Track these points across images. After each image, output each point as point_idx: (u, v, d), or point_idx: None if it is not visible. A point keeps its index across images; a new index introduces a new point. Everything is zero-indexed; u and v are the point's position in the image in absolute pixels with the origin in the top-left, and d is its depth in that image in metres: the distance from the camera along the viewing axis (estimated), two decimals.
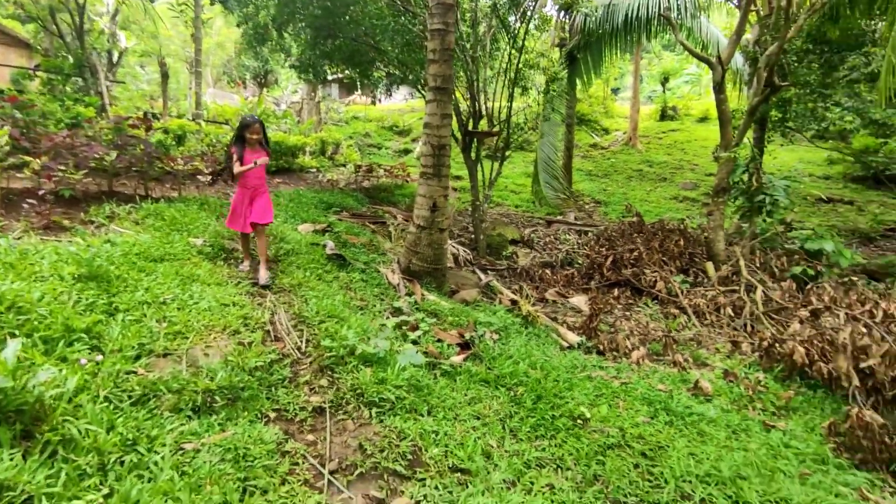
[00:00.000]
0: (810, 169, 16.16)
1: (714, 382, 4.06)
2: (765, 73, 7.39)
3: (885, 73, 4.57)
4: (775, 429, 3.39)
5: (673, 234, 7.96)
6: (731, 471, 2.80)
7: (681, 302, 6.26)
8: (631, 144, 19.02)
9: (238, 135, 4.55)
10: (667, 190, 14.87)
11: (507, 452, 2.85)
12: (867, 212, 12.79)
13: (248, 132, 4.47)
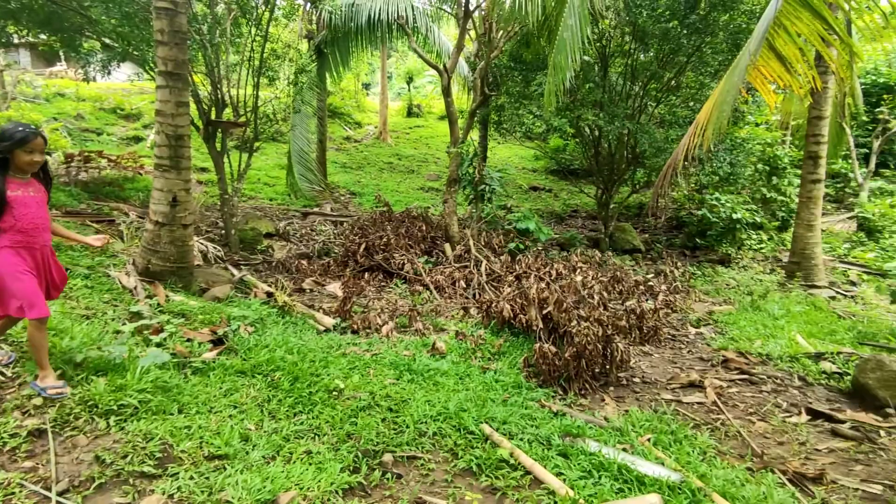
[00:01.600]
0: (523, 163, 19.69)
1: (448, 343, 4.88)
2: (479, 82, 8.87)
3: (547, 93, 6.07)
4: (489, 370, 4.32)
5: (417, 221, 8.97)
6: (456, 407, 3.50)
7: (424, 280, 7.17)
8: (382, 138, 20.23)
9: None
10: (415, 181, 16.39)
11: (267, 432, 3.00)
12: (560, 198, 16.37)
13: (22, 151, 2.74)
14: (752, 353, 5.24)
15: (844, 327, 6.02)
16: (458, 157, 8.56)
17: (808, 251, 8.60)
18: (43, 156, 2.86)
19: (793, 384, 4.52)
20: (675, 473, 2.81)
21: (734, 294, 7.78)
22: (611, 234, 11.07)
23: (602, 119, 9.14)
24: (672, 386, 4.41)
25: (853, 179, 13.33)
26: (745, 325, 6.17)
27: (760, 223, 11.20)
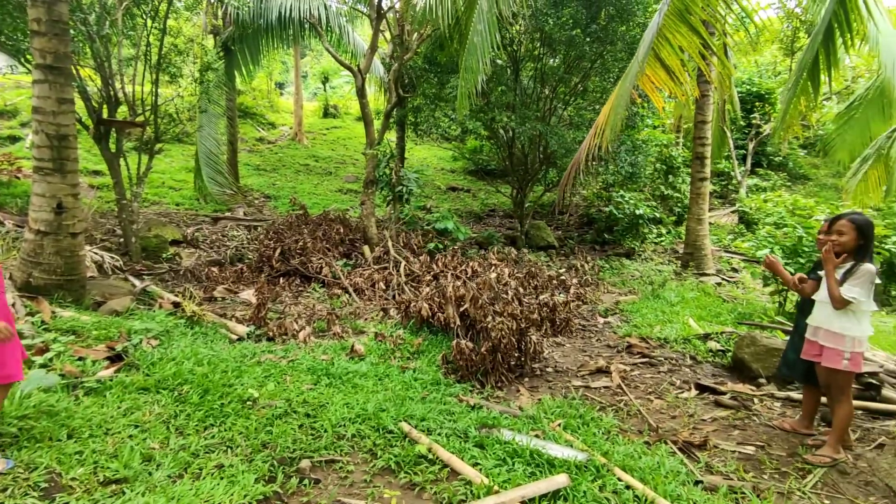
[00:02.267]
0: (441, 164, 19.91)
1: (367, 344, 4.86)
2: (393, 84, 8.89)
3: (460, 96, 6.23)
4: (408, 369, 4.36)
5: (335, 224, 8.83)
6: (375, 407, 3.51)
7: (343, 283, 7.09)
8: (297, 140, 19.64)
9: None
10: (332, 183, 16.07)
11: (173, 450, 2.84)
12: (478, 198, 16.75)
13: None
14: (652, 338, 5.69)
15: (727, 310, 6.71)
16: (374, 159, 8.53)
17: (698, 243, 9.48)
18: None
19: (685, 363, 4.98)
20: (581, 453, 3.01)
21: (638, 284, 8.39)
22: (526, 231, 11.52)
23: (514, 121, 9.49)
24: (582, 373, 4.70)
25: (734, 177, 14.84)
26: (647, 312, 6.69)
27: (660, 218, 12.17)
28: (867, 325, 3.05)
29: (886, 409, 3.75)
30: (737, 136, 15.86)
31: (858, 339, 3.03)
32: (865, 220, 3.06)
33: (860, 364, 3.07)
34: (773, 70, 18.58)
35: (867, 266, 2.99)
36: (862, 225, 3.04)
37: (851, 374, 3.07)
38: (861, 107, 9.70)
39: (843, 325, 3.04)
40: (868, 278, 2.96)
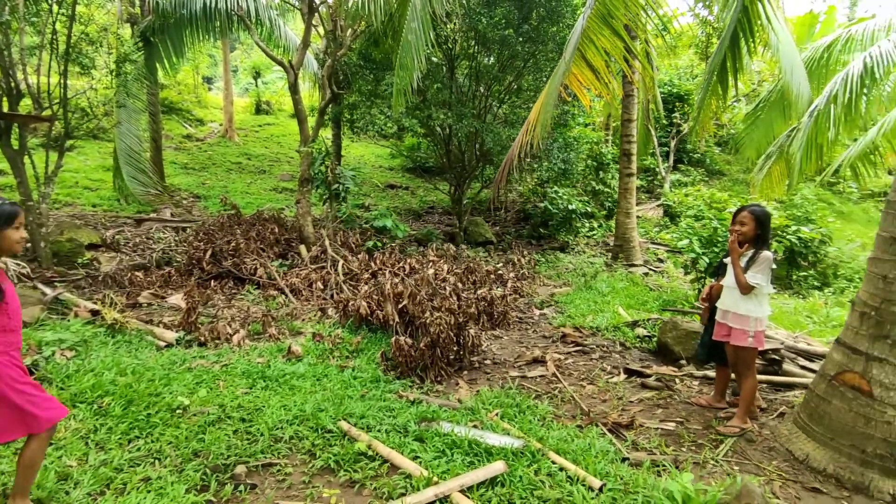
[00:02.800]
0: (379, 161, 19.73)
1: (305, 345, 4.77)
2: (327, 80, 8.73)
3: (395, 93, 6.23)
4: (347, 368, 4.32)
5: (270, 223, 8.56)
6: (314, 408, 3.46)
7: (279, 283, 6.90)
8: (228, 137, 18.83)
9: None
10: (266, 182, 15.55)
11: (93, 465, 2.68)
12: (417, 195, 16.77)
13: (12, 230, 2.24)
14: (585, 328, 5.95)
15: (653, 298, 7.13)
16: (309, 157, 8.35)
17: (627, 235, 9.98)
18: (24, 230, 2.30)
19: (615, 350, 5.25)
20: (517, 440, 3.12)
21: (572, 277, 8.73)
22: (465, 228, 11.67)
23: (451, 118, 9.58)
24: (519, 363, 4.84)
25: (659, 173, 15.73)
26: (580, 303, 6.98)
27: (592, 212, 12.71)
28: (767, 307, 3.36)
29: (787, 381, 4.14)
30: (660, 134, 16.81)
31: (760, 319, 3.33)
32: (763, 211, 3.37)
33: (762, 341, 3.38)
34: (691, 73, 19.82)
35: (765, 253, 3.28)
36: (760, 216, 3.34)
37: (755, 351, 3.38)
38: (765, 108, 10.54)
39: (748, 307, 3.34)
40: (767, 264, 3.26)
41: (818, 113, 9.06)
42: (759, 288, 3.27)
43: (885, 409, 2.77)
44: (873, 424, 2.80)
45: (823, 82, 9.38)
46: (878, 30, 8.34)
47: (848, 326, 3.04)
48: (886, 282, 2.81)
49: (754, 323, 3.32)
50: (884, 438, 2.77)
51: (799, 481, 2.90)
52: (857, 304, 2.99)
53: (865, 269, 3.00)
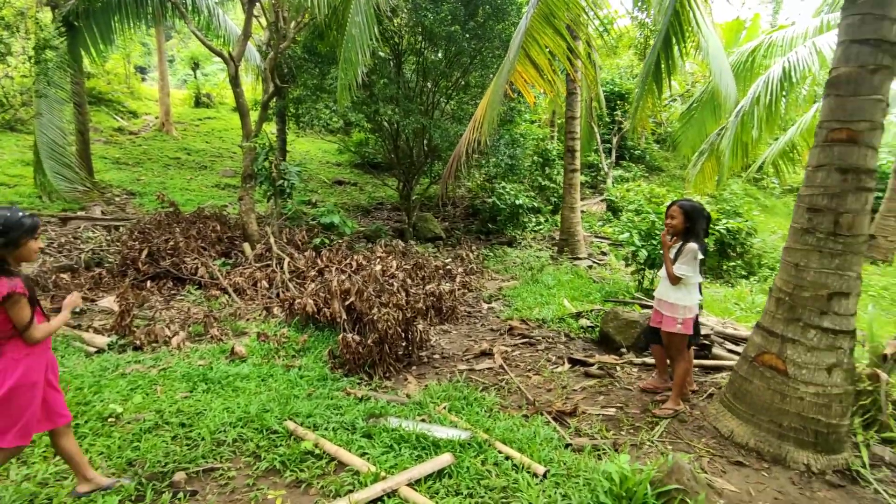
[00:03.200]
0: (326, 157, 19.37)
1: (249, 346, 4.64)
2: (270, 73, 8.48)
3: (340, 88, 6.15)
4: (294, 367, 4.24)
5: (211, 221, 8.25)
6: (258, 409, 3.38)
7: (222, 283, 6.66)
8: (165, 130, 17.92)
9: None
10: (208, 178, 14.93)
11: (14, 482, 2.52)
12: (365, 191, 16.59)
13: (32, 239, 2.33)
14: (531, 320, 6.11)
15: (597, 289, 7.40)
16: (252, 152, 8.09)
17: (572, 230, 10.29)
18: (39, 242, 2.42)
19: (560, 341, 5.42)
20: (465, 432, 3.17)
21: (519, 270, 8.91)
22: (414, 224, 11.68)
23: (398, 114, 9.54)
24: (467, 357, 4.91)
25: (602, 169, 16.29)
26: (527, 296, 7.15)
27: (538, 207, 13.01)
28: (696, 295, 3.57)
29: (716, 364, 4.42)
30: (603, 131, 17.40)
31: (689, 307, 3.53)
32: (691, 205, 3.57)
33: (691, 327, 3.58)
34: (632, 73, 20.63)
35: (691, 245, 3.47)
36: (688, 209, 3.53)
37: (685, 337, 3.58)
38: (698, 108, 11.12)
39: (677, 296, 3.54)
40: (692, 255, 3.46)
41: (743, 113, 9.66)
42: (686, 278, 3.47)
43: (798, 386, 3.02)
44: (788, 400, 3.04)
45: (748, 85, 9.99)
46: (796, 37, 8.96)
47: (766, 311, 3.28)
48: (798, 269, 3.05)
49: (683, 311, 3.51)
50: (797, 413, 3.02)
51: (724, 456, 3.11)
52: (773, 291, 3.23)
53: (781, 259, 3.25)
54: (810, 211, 3.01)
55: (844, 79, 2.94)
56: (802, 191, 3.10)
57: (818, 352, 2.98)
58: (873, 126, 2.87)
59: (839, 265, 2.92)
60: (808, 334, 3.00)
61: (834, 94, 2.99)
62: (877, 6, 2.84)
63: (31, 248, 2.32)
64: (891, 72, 2.87)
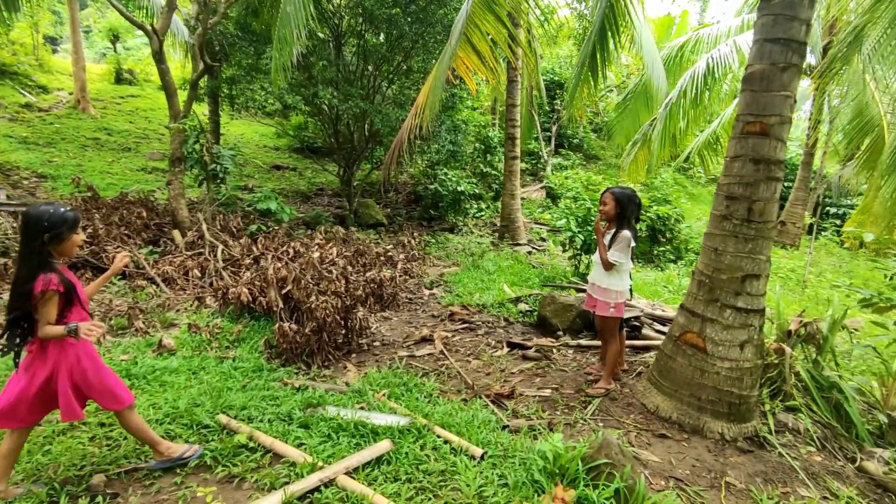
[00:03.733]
0: (264, 141, 18.63)
1: (179, 338, 4.42)
2: (199, 50, 8.00)
3: (274, 68, 5.90)
4: (227, 359, 4.09)
5: (136, 207, 7.74)
6: (189, 403, 3.23)
7: (149, 272, 6.29)
8: (81, 108, 16.53)
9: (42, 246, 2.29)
10: (133, 161, 13.96)
11: None
12: (305, 176, 16.12)
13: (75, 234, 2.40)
14: (472, 305, 6.19)
15: (535, 274, 7.60)
16: (180, 134, 7.63)
17: (512, 216, 10.49)
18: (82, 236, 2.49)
19: (500, 325, 5.53)
20: (403, 418, 3.18)
21: (461, 257, 8.99)
22: (355, 210, 11.49)
23: (337, 98, 9.29)
24: (408, 343, 4.92)
25: (542, 157, 16.66)
26: (468, 282, 7.23)
27: (480, 194, 13.14)
28: (627, 281, 3.73)
29: (645, 345, 4.67)
30: (543, 119, 17.77)
31: (621, 292, 3.69)
32: (622, 192, 3.71)
33: (622, 311, 3.75)
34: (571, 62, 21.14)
35: (624, 233, 3.62)
36: (619, 196, 3.68)
37: (616, 320, 3.75)
38: (632, 99, 11.56)
39: (610, 281, 3.69)
40: (625, 243, 3.61)
41: (672, 105, 10.15)
42: (619, 265, 3.63)
43: (715, 363, 3.24)
44: (706, 375, 3.26)
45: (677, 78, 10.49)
46: (719, 34, 9.48)
47: (689, 293, 3.49)
48: (717, 253, 3.26)
49: (615, 295, 3.66)
50: (714, 387, 3.24)
51: (650, 430, 3.30)
52: (696, 274, 3.44)
53: (702, 244, 3.45)
54: (728, 199, 3.22)
55: (758, 75, 3.14)
56: (721, 180, 3.30)
57: (733, 329, 3.21)
58: (782, 120, 3.09)
59: (752, 249, 3.14)
60: (725, 314, 3.22)
61: (749, 89, 3.19)
62: (787, 7, 3.05)
63: (73, 243, 2.37)
64: (798, 69, 3.09)
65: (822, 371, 3.83)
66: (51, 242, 2.27)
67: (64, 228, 2.30)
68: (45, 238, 2.24)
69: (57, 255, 2.34)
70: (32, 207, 2.29)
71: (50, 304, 2.26)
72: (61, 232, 2.29)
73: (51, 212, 2.28)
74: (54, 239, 2.28)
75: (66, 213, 2.33)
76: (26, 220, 2.26)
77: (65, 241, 2.32)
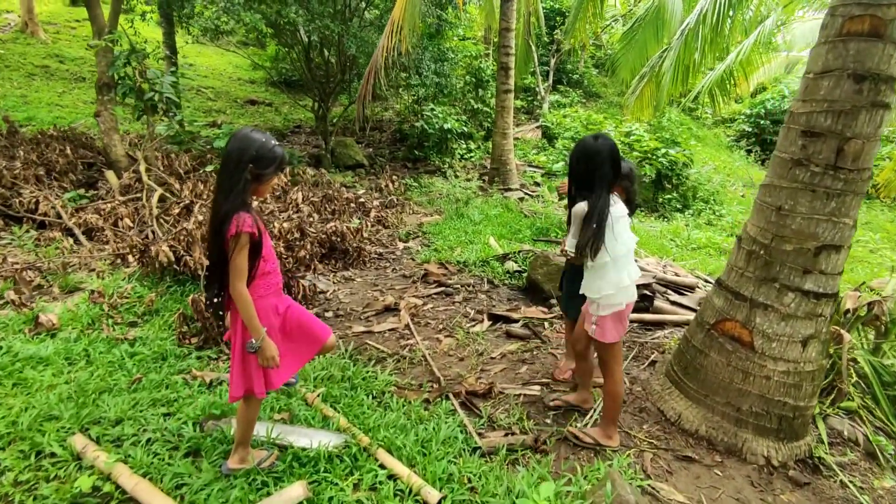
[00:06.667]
0: (239, 73, 17.07)
1: (70, 311, 3.48)
2: None
3: None
4: (126, 340, 3.18)
5: (60, 143, 6.60)
6: (38, 416, 2.35)
7: (67, 222, 5.28)
8: (30, 32, 14.80)
9: (245, 179, 1.89)
10: (87, 92, 12.52)
11: None
12: (281, 112, 14.75)
13: (276, 173, 1.97)
14: (451, 262, 5.27)
15: (527, 225, 6.65)
16: (107, 54, 6.36)
17: (504, 157, 9.39)
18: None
19: (482, 289, 4.63)
20: (338, 436, 2.33)
21: (444, 203, 7.99)
22: (332, 149, 10.36)
23: (302, 17, 7.93)
24: (367, 314, 4.02)
25: (539, 94, 15.26)
26: (450, 233, 6.28)
27: (470, 133, 11.92)
28: (611, 282, 2.22)
29: (658, 320, 3.80)
30: (541, 52, 16.19)
31: (601, 303, 2.26)
32: (584, 144, 2.22)
33: (608, 334, 2.28)
34: None
35: (579, 207, 2.19)
36: (578, 152, 2.23)
37: (613, 346, 2.34)
38: (641, 28, 10.22)
39: (585, 284, 2.34)
40: (578, 221, 2.20)
41: (688, 32, 8.92)
42: (583, 258, 2.23)
43: (765, 363, 2.37)
44: (752, 380, 2.40)
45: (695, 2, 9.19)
46: None
47: (732, 267, 2.56)
48: (780, 214, 2.30)
49: (595, 307, 2.30)
50: (761, 395, 2.39)
51: (670, 448, 2.47)
52: (744, 241, 2.50)
53: (755, 200, 2.49)
54: (805, 135, 2.21)
55: None
56: (796, 107, 2.29)
57: (794, 320, 2.31)
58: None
59: (835, 209, 2.19)
60: (785, 298, 2.31)
61: None
62: None
63: (271, 185, 2.02)
64: None
65: (886, 362, 3.00)
66: (254, 180, 1.90)
67: (272, 167, 1.92)
68: (249, 171, 1.87)
69: (256, 193, 1.97)
70: (241, 131, 1.93)
71: (240, 249, 1.86)
72: (265, 167, 1.90)
73: (262, 141, 1.90)
74: (259, 177, 1.90)
75: (276, 149, 1.94)
76: (233, 145, 1.88)
77: (265, 181, 1.93)
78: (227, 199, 1.85)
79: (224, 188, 1.87)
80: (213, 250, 1.94)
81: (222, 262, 1.89)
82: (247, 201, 1.89)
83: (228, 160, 1.88)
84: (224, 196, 1.86)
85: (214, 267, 1.95)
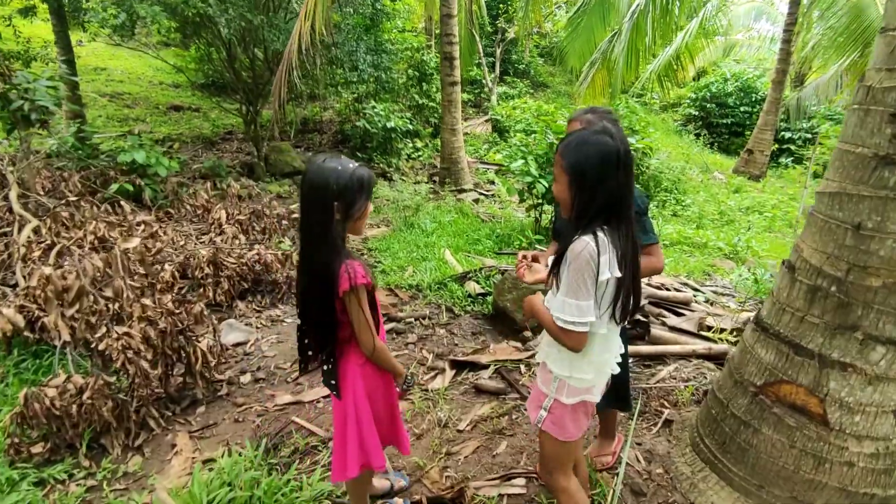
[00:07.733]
0: (160, 77, 15.60)
1: None
2: None
3: None
4: None
5: None
6: None
7: None
8: None
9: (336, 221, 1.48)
10: None
11: None
12: (210, 118, 13.43)
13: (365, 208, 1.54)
14: (402, 288, 4.44)
15: (486, 232, 5.89)
16: None
17: (454, 156, 8.62)
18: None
19: (440, 322, 3.82)
20: None
21: (391, 212, 7.12)
22: (266, 156, 9.31)
23: (214, 7, 6.86)
24: (296, 373, 3.13)
25: (486, 85, 14.58)
26: (399, 248, 5.44)
27: (416, 130, 11.07)
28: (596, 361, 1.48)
29: (657, 352, 3.10)
30: (485, 42, 15.51)
31: (570, 385, 1.50)
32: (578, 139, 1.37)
33: (566, 430, 1.53)
34: None
35: (578, 247, 1.34)
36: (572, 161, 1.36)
37: (565, 445, 1.56)
38: (586, 13, 9.72)
39: (551, 352, 1.55)
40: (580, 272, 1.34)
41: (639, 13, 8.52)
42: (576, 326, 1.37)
43: (846, 443, 1.68)
44: (826, 466, 1.71)
45: None
46: None
47: (783, 307, 1.85)
48: (860, 235, 1.59)
49: (555, 388, 1.53)
50: (841, 487, 1.70)
51: None
52: (800, 272, 1.79)
53: (808, 215, 1.79)
54: None
55: None
56: (875, 79, 1.58)
57: (886, 384, 1.63)
58: None
59: None
60: (873, 355, 1.61)
61: None
62: None
63: (366, 215, 1.55)
64: None
65: None
66: (344, 219, 1.48)
67: (361, 197, 1.48)
68: (335, 210, 1.44)
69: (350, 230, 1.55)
70: (313, 166, 1.48)
71: (364, 304, 1.51)
72: (354, 200, 1.46)
73: (339, 170, 1.46)
74: (347, 211, 1.46)
75: (358, 172, 1.48)
76: (308, 185, 1.46)
77: (357, 215, 1.50)
78: (321, 249, 1.47)
79: (314, 237, 1.48)
80: (316, 310, 1.55)
81: (331, 322, 1.55)
82: (344, 246, 1.50)
83: (309, 205, 1.48)
84: (315, 247, 1.50)
85: (322, 328, 1.58)
